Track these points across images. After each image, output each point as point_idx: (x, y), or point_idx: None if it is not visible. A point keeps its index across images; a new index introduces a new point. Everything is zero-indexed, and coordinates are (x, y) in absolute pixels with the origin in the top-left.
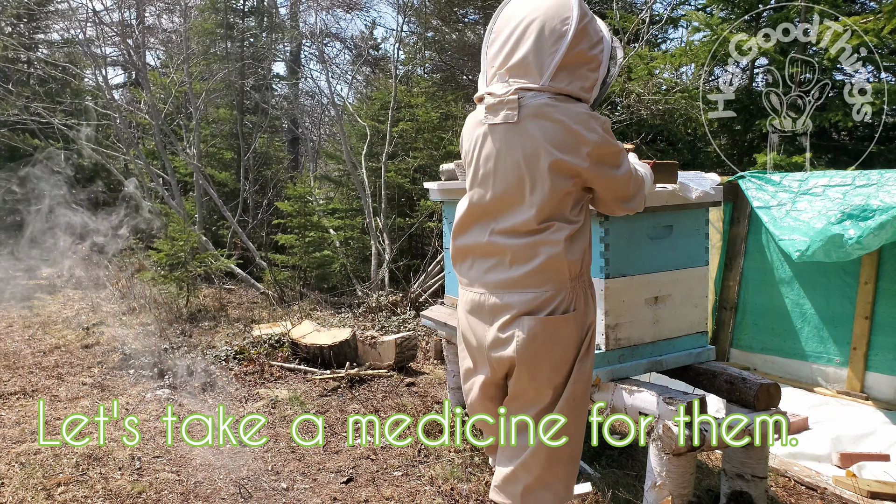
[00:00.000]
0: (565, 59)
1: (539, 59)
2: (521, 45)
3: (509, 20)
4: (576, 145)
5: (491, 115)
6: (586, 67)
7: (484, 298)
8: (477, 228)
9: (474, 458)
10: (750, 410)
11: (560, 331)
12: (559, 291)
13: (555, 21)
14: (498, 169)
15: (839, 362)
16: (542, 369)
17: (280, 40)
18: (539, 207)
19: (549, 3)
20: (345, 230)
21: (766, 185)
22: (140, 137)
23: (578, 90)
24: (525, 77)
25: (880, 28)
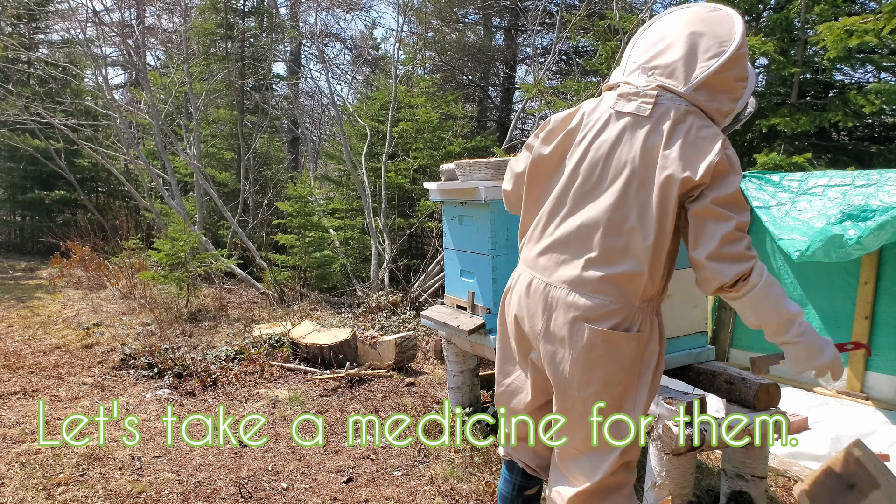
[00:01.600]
0: (713, 77)
1: (688, 67)
2: (674, 48)
3: (667, 25)
4: (697, 157)
5: (622, 102)
6: (727, 95)
7: (546, 288)
8: (564, 211)
9: (474, 458)
10: (750, 410)
11: (620, 347)
12: (627, 307)
13: (715, 39)
14: (610, 158)
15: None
16: (592, 383)
17: (280, 40)
18: (639, 210)
19: (715, 23)
20: (345, 230)
21: (765, 184)
22: (140, 137)
23: (714, 110)
24: (670, 78)
25: (880, 28)
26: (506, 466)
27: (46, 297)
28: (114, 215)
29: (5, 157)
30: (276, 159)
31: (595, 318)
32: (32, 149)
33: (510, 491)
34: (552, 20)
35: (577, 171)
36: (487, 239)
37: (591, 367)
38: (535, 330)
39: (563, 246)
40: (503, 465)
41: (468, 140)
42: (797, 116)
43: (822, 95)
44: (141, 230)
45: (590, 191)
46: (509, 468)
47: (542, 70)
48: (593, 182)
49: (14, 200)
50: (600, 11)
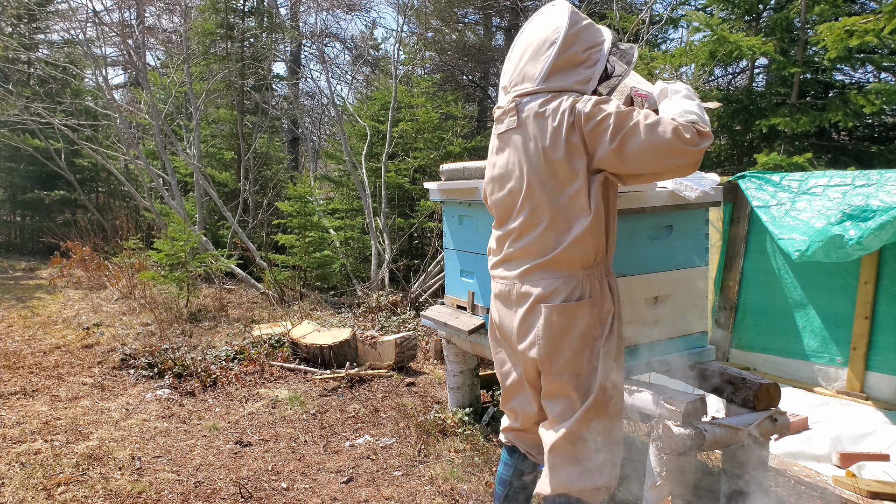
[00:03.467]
0: (557, 61)
1: (534, 66)
2: (521, 60)
3: (516, 45)
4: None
5: (499, 126)
6: (582, 66)
7: (509, 287)
8: (501, 232)
9: (474, 458)
10: (750, 410)
11: (574, 316)
12: (572, 279)
13: (546, 31)
14: (508, 171)
15: (840, 362)
16: (561, 355)
17: (280, 41)
18: (546, 202)
19: (546, 18)
20: (345, 230)
21: (765, 184)
22: (140, 137)
23: (573, 84)
24: (522, 84)
25: (880, 28)
26: (507, 451)
27: (46, 297)
28: (114, 215)
29: (5, 157)
30: (276, 159)
31: (548, 297)
32: (32, 149)
33: (509, 474)
34: None
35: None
36: (488, 239)
37: (556, 340)
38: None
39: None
40: (504, 449)
41: (468, 140)
42: (797, 116)
43: (822, 95)
44: (141, 230)
45: (508, 202)
46: (510, 452)
47: None
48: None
49: (14, 200)
50: (600, 11)
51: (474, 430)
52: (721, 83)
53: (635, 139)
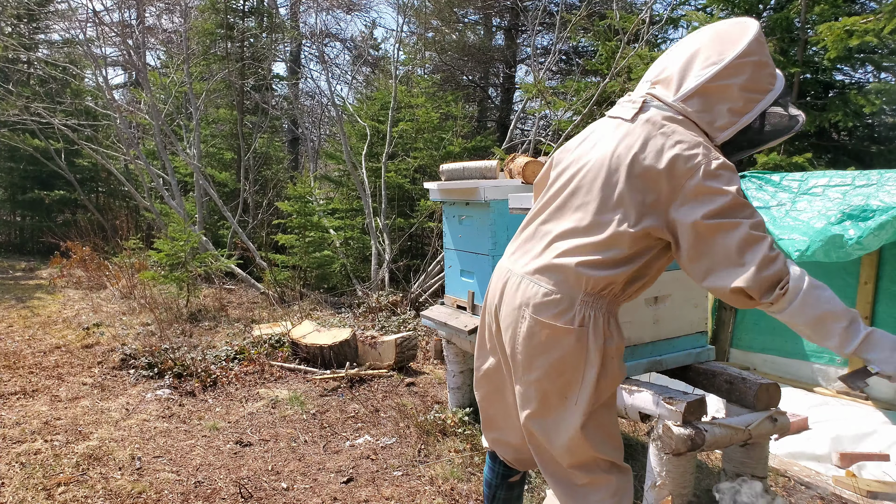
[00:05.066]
0: (707, 85)
1: (682, 76)
2: (676, 60)
3: (681, 44)
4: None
5: (614, 110)
6: (728, 105)
7: (508, 277)
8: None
9: (474, 458)
10: (750, 410)
11: (559, 342)
12: (568, 297)
13: (717, 47)
14: (583, 158)
15: (840, 362)
16: (533, 371)
17: (280, 41)
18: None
19: (725, 33)
20: (345, 230)
21: (766, 185)
22: (140, 137)
23: (706, 124)
24: (665, 88)
25: (880, 28)
26: (489, 455)
27: (46, 297)
28: (114, 215)
29: (5, 157)
30: (276, 159)
31: (536, 306)
32: (32, 149)
33: (494, 478)
34: (552, 20)
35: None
36: (488, 239)
37: (532, 355)
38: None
39: (528, 241)
40: (488, 456)
41: (468, 140)
42: None
43: (822, 95)
44: (141, 230)
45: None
46: (493, 457)
47: (542, 70)
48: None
49: (14, 200)
50: (600, 11)
51: (474, 430)
52: None
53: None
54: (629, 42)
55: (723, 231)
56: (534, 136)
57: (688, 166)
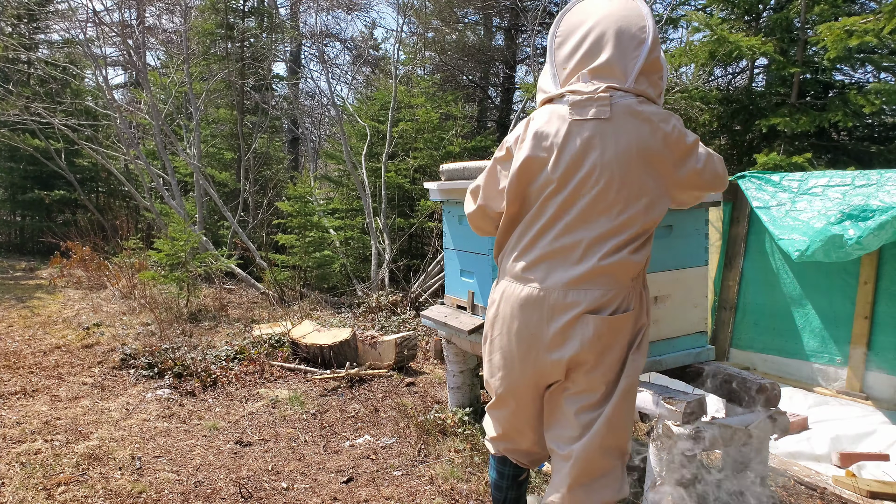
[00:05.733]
0: (645, 64)
1: (623, 62)
2: (603, 48)
3: (579, 23)
4: (664, 142)
5: (578, 111)
6: (658, 75)
7: (543, 295)
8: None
9: (474, 457)
10: (750, 410)
11: (621, 329)
12: (621, 290)
13: (633, 28)
14: (585, 164)
15: (840, 362)
16: (601, 366)
17: (280, 41)
18: (623, 205)
19: (624, 11)
20: (345, 230)
21: (765, 185)
22: (140, 138)
23: (655, 95)
24: (610, 78)
25: (880, 28)
26: (499, 460)
27: (46, 297)
28: (114, 215)
29: (5, 157)
30: (276, 159)
31: (597, 308)
32: (32, 149)
33: (503, 481)
34: (552, 20)
35: (555, 183)
36: (487, 239)
37: (603, 350)
38: (537, 340)
39: (555, 253)
40: (495, 459)
41: (468, 140)
42: (797, 116)
43: (822, 95)
44: (141, 230)
45: (571, 199)
46: (502, 462)
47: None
48: (572, 189)
49: (14, 200)
50: None
51: (474, 430)
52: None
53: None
54: None
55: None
56: None
57: (676, 137)
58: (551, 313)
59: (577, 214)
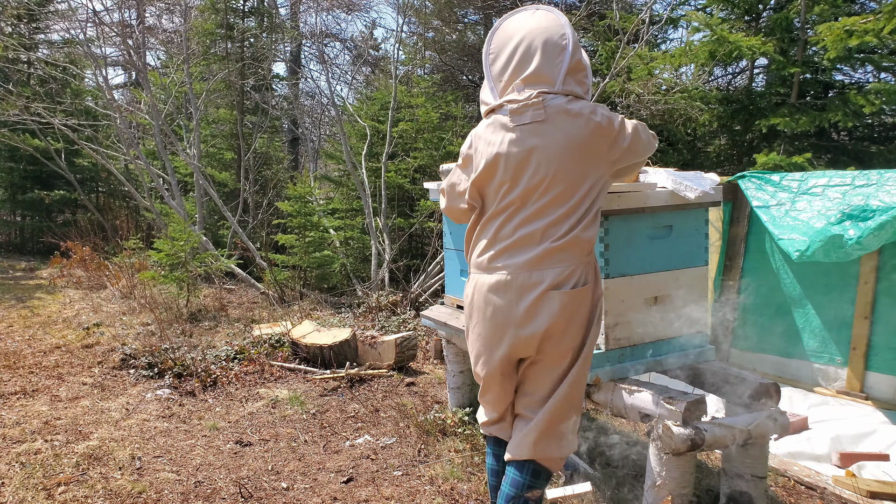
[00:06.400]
0: (569, 67)
1: (550, 69)
2: (531, 59)
3: (508, 39)
4: (596, 131)
5: (517, 118)
6: (582, 74)
7: (510, 278)
8: (502, 220)
9: (474, 457)
10: (749, 410)
11: (582, 301)
12: (578, 266)
13: (555, 37)
14: (532, 162)
15: (840, 362)
16: (567, 336)
17: (280, 41)
18: (570, 192)
19: (545, 24)
20: (345, 230)
21: (765, 184)
22: (140, 137)
23: (582, 92)
24: (541, 84)
25: (880, 28)
26: (493, 442)
27: (46, 297)
28: (114, 215)
29: (5, 157)
30: (276, 159)
31: (559, 284)
32: (32, 149)
33: (500, 464)
34: None
35: (508, 183)
36: None
37: (567, 323)
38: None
39: (517, 242)
40: (489, 440)
41: None
42: (797, 116)
43: (822, 95)
44: (141, 230)
45: (524, 192)
46: (496, 443)
47: None
48: (524, 186)
49: (14, 200)
50: (600, 11)
51: (474, 430)
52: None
53: (637, 140)
54: (629, 42)
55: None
56: None
57: (606, 124)
58: (519, 294)
59: (531, 207)
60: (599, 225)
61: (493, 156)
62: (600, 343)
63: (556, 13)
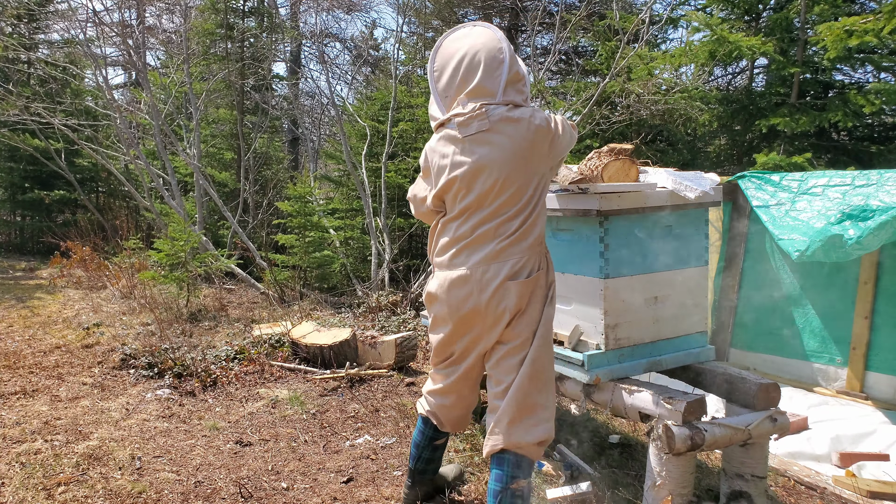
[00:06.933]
0: (508, 78)
1: (491, 82)
2: (473, 74)
3: (450, 57)
4: (537, 133)
5: (465, 130)
6: (521, 83)
7: (470, 273)
8: (460, 222)
9: (474, 458)
10: (750, 410)
11: (537, 286)
12: (531, 256)
13: (493, 52)
14: (482, 169)
15: (840, 362)
16: (525, 317)
17: (280, 41)
18: (519, 192)
19: (483, 40)
20: (345, 230)
21: (765, 184)
22: (140, 137)
23: (521, 100)
24: (483, 97)
25: (880, 28)
26: (422, 420)
27: (46, 297)
28: (114, 215)
29: (5, 157)
30: (276, 159)
31: (515, 275)
32: (32, 149)
33: (423, 440)
34: (552, 20)
35: (464, 189)
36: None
37: (523, 306)
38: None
39: (474, 241)
40: (420, 420)
41: None
42: (797, 116)
43: (822, 95)
44: (141, 230)
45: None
46: (424, 422)
47: (542, 70)
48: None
49: (14, 200)
50: (600, 11)
51: (474, 430)
52: (721, 83)
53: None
54: (629, 42)
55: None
56: None
57: (545, 127)
58: (481, 287)
59: (486, 209)
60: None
61: (448, 167)
62: (600, 343)
63: (492, 29)
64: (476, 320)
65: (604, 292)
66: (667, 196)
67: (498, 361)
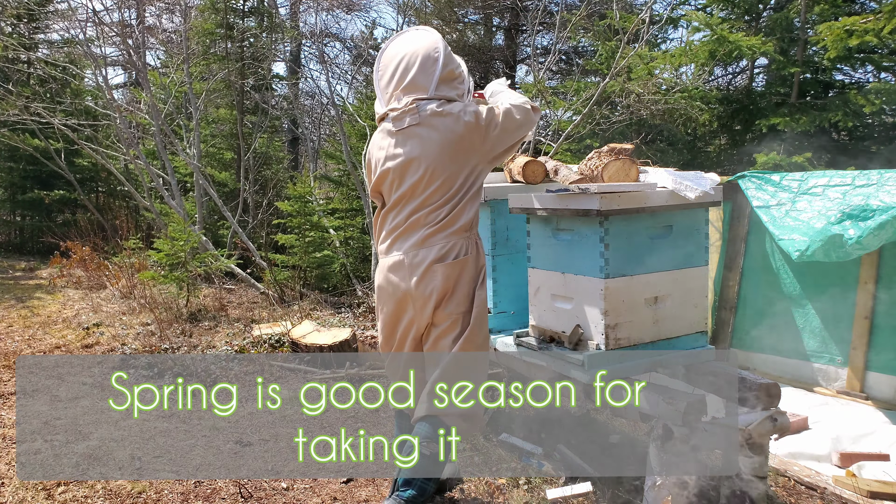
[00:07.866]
0: (442, 75)
1: (425, 78)
2: (409, 71)
3: (393, 58)
4: (466, 127)
5: (398, 124)
6: (457, 81)
7: (403, 258)
8: (395, 212)
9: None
10: (750, 410)
11: (464, 269)
12: (458, 241)
13: (429, 52)
14: (412, 161)
15: (840, 362)
16: (454, 300)
17: (280, 40)
18: (449, 183)
19: (421, 43)
20: (345, 230)
21: (765, 184)
22: (140, 137)
23: (455, 95)
24: (416, 92)
25: (880, 28)
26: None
27: (46, 297)
28: (114, 215)
29: (5, 157)
30: (276, 159)
31: (442, 258)
32: (32, 149)
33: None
34: (552, 20)
35: (397, 181)
36: (487, 239)
37: (451, 287)
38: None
39: (407, 229)
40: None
41: None
42: (797, 116)
43: (822, 95)
44: (141, 230)
45: (410, 187)
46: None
47: (542, 70)
48: (410, 182)
49: (14, 200)
50: (600, 11)
51: None
52: (721, 83)
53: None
54: (629, 42)
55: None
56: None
57: (475, 120)
58: (411, 270)
59: (418, 199)
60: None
61: (383, 159)
62: (600, 343)
63: (431, 32)
64: (408, 302)
65: (604, 292)
66: (667, 196)
67: (434, 342)
